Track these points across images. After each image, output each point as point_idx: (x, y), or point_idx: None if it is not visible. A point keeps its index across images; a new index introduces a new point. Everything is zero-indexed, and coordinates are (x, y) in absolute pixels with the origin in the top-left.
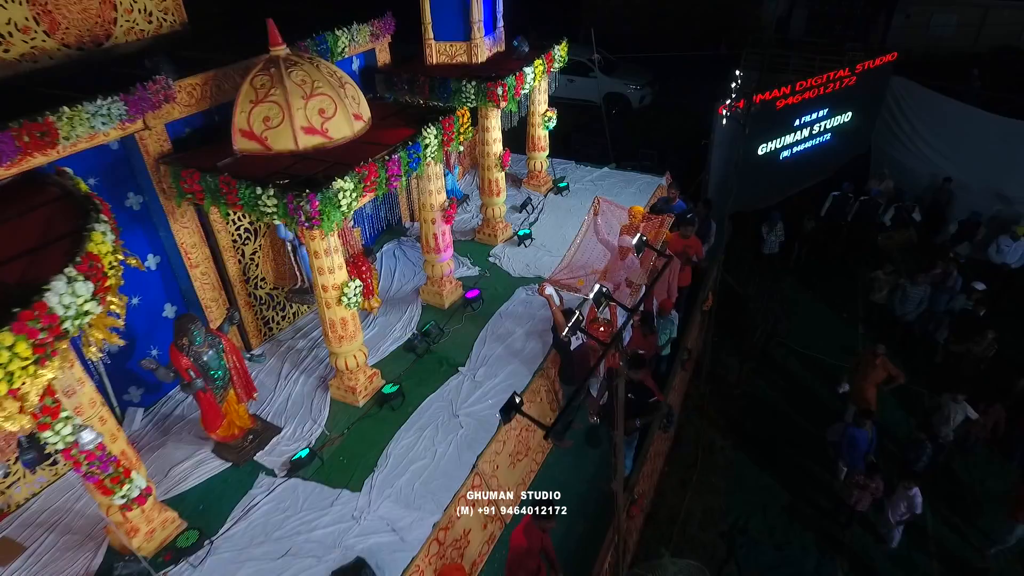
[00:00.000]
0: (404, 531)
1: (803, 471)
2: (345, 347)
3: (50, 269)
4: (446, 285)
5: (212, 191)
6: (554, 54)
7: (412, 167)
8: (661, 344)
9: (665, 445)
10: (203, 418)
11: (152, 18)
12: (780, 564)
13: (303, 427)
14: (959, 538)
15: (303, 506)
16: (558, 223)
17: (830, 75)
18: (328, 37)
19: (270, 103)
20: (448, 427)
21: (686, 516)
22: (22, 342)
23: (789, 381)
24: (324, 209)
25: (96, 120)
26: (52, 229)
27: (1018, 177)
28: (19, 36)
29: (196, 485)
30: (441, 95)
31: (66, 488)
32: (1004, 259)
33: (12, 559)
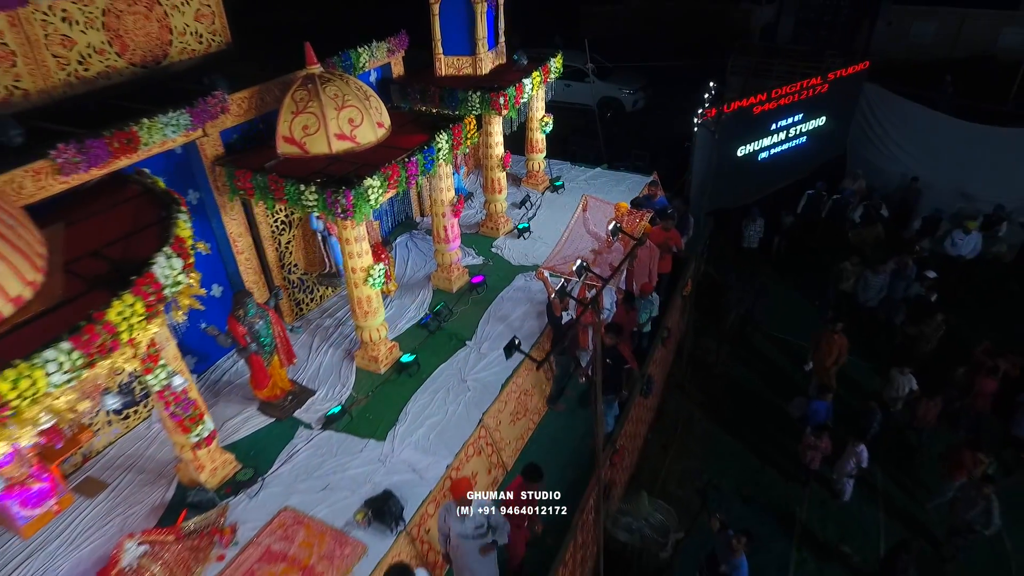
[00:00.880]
0: (422, 471)
1: (770, 439)
2: (370, 322)
3: (146, 249)
4: (454, 271)
5: (261, 188)
6: (550, 66)
7: (427, 168)
8: (642, 322)
9: (648, 414)
10: (252, 379)
11: (202, 39)
12: (747, 515)
13: (334, 390)
14: (904, 494)
15: (337, 452)
16: (554, 218)
17: (803, 83)
18: (352, 54)
19: (308, 114)
20: (457, 390)
21: (666, 475)
22: (139, 302)
23: (763, 361)
24: (356, 203)
25: (168, 129)
26: (140, 218)
27: (979, 176)
28: (96, 57)
29: (246, 436)
30: (449, 104)
31: (136, 439)
32: (959, 251)
33: (97, 493)
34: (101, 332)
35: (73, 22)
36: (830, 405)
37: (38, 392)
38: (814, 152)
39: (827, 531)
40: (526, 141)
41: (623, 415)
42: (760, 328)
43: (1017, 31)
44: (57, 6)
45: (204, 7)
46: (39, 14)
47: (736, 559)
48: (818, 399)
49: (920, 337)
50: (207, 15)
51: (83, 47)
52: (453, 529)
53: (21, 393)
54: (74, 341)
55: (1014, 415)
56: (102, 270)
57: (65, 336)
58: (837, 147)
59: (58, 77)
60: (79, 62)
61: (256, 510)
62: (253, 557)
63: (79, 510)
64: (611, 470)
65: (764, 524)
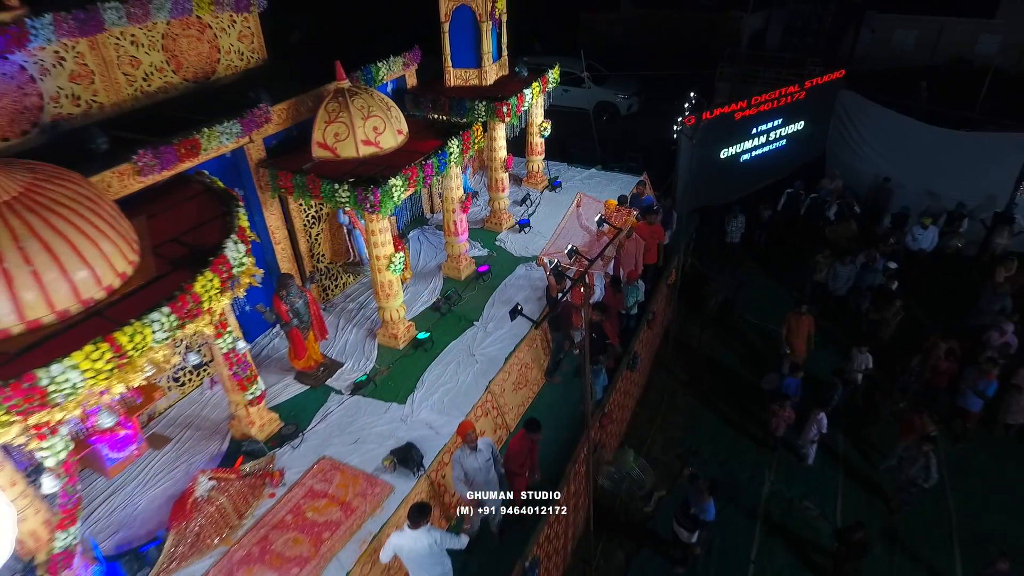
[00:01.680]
0: (438, 428)
1: (745, 412)
2: (390, 303)
3: (213, 237)
4: (462, 261)
5: (300, 186)
6: (548, 77)
7: (441, 169)
8: (629, 305)
9: (636, 390)
10: (291, 351)
11: (243, 57)
12: (722, 477)
13: (359, 362)
14: (861, 457)
15: (365, 413)
16: (552, 214)
17: (782, 91)
18: (372, 68)
19: (339, 123)
20: (467, 363)
21: (651, 443)
22: (216, 278)
23: (742, 344)
24: (383, 199)
25: (223, 137)
26: (205, 212)
27: (945, 177)
28: (157, 74)
29: (286, 400)
30: (458, 112)
31: (190, 403)
32: (919, 245)
33: (163, 446)
34: (190, 300)
35: (139, 45)
36: (799, 381)
37: (146, 345)
38: (794, 154)
39: (792, 490)
40: (527, 144)
41: (611, 385)
42: (740, 315)
43: (992, 38)
44: (127, 31)
45: (245, 28)
46: (112, 38)
47: (704, 503)
48: (790, 376)
49: (882, 322)
50: (248, 35)
51: (147, 66)
52: (467, 465)
53: (135, 345)
54: (171, 306)
55: (959, 390)
56: (182, 253)
57: (165, 302)
58: (816, 149)
59: (127, 92)
60: (143, 79)
61: (299, 459)
62: (299, 495)
63: (150, 458)
64: (600, 432)
65: (737, 484)
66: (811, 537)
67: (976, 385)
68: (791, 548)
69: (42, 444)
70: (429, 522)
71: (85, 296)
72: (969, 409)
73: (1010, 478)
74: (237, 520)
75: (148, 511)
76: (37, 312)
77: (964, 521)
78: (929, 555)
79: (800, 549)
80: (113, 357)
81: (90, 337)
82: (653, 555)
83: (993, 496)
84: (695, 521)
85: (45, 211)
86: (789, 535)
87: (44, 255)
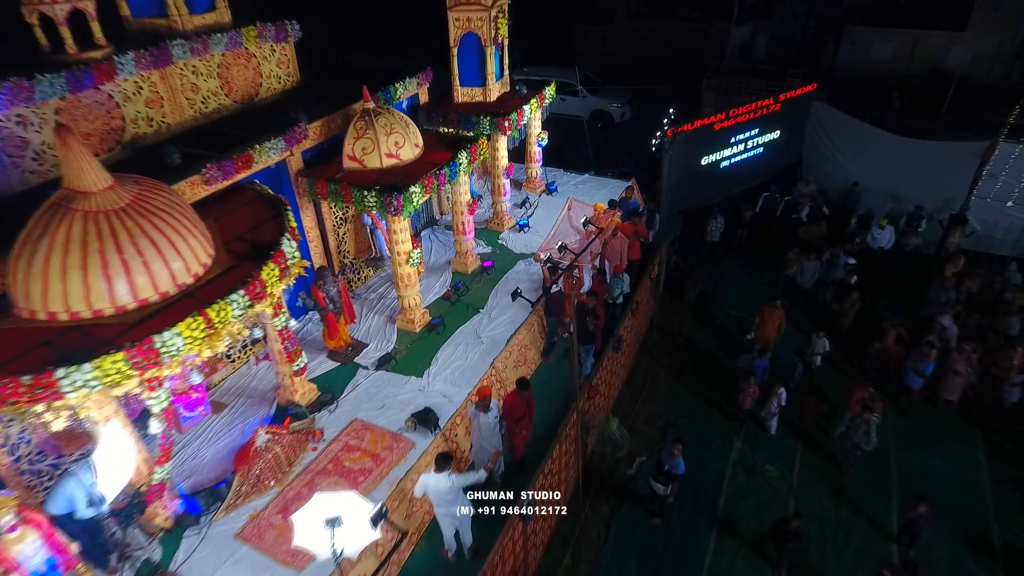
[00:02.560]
0: (450, 396)
1: (718, 390)
2: (408, 292)
3: (269, 235)
4: (469, 257)
5: (334, 193)
6: (545, 94)
7: (452, 178)
8: (615, 295)
9: (623, 371)
10: (326, 332)
11: (281, 80)
12: (696, 445)
13: (381, 344)
14: (818, 428)
15: (388, 385)
16: (548, 216)
17: (758, 103)
18: (391, 88)
19: (366, 139)
20: (474, 344)
21: (635, 416)
22: (276, 268)
23: (719, 332)
24: (404, 203)
25: (270, 151)
26: (259, 215)
27: (908, 181)
28: (212, 98)
29: (321, 374)
30: (465, 126)
31: (239, 377)
32: (878, 244)
33: (221, 411)
34: (258, 285)
35: (199, 74)
36: (768, 363)
37: (227, 320)
38: (771, 160)
39: (756, 455)
40: (526, 153)
41: (598, 363)
42: (718, 306)
43: (964, 50)
44: (190, 63)
45: (283, 56)
46: (178, 69)
47: (675, 460)
48: (759, 358)
49: (842, 312)
50: (284, 62)
51: (204, 91)
52: (479, 419)
53: (220, 320)
54: (245, 290)
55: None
56: (245, 248)
57: (240, 286)
58: (793, 155)
59: (188, 113)
60: (202, 102)
61: (335, 421)
62: (337, 448)
63: (211, 419)
64: (588, 402)
65: (709, 451)
66: (770, 494)
67: (917, 366)
68: (752, 503)
69: (151, 394)
70: (449, 468)
71: (180, 281)
72: (912, 386)
73: (945, 446)
74: (288, 467)
75: (214, 460)
76: (146, 293)
77: (903, 481)
78: (870, 507)
79: (760, 504)
80: (205, 328)
81: (185, 314)
82: (633, 508)
83: (930, 460)
84: (668, 476)
85: (150, 215)
86: (751, 493)
87: (151, 249)
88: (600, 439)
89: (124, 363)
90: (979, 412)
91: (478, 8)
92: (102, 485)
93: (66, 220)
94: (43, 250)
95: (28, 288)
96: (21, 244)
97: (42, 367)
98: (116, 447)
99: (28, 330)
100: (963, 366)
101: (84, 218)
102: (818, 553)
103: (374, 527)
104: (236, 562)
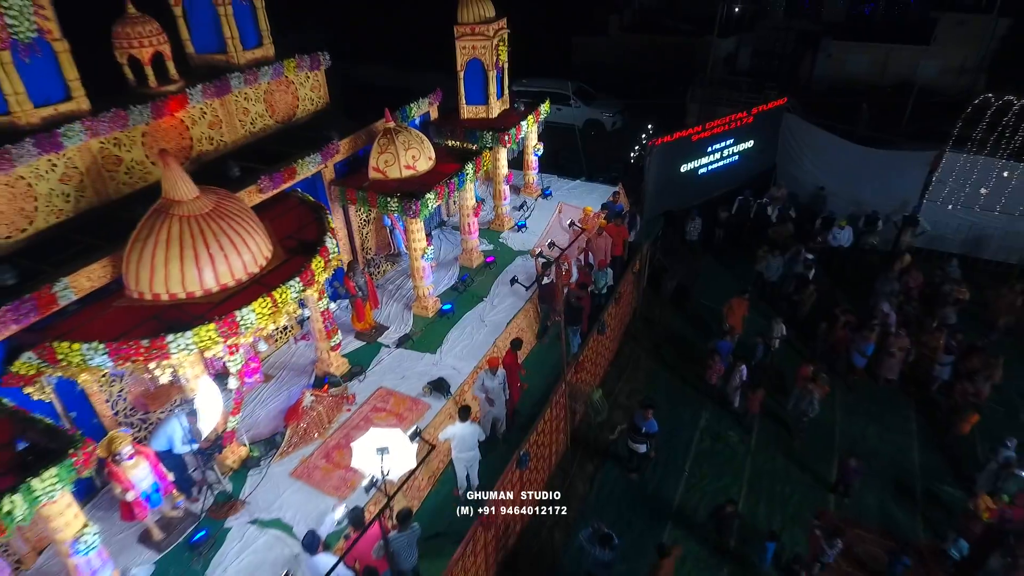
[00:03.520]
0: (460, 369)
1: (692, 370)
2: (423, 283)
3: (312, 234)
4: (474, 253)
5: (362, 199)
6: (541, 110)
7: (460, 186)
8: (600, 286)
9: (609, 353)
10: (354, 316)
11: (313, 102)
12: (671, 416)
13: (400, 327)
14: (775, 402)
15: (407, 360)
16: (543, 218)
17: (731, 117)
18: (407, 108)
19: (388, 153)
20: (479, 326)
21: (618, 392)
22: (322, 261)
23: (694, 321)
24: (421, 208)
25: (310, 165)
26: (303, 218)
27: (868, 186)
28: (259, 119)
29: (350, 351)
30: (470, 139)
31: (281, 354)
32: (838, 242)
33: (268, 380)
34: (309, 274)
35: (250, 99)
36: (732, 345)
37: (287, 301)
38: (745, 167)
39: (720, 424)
40: (523, 162)
41: (584, 343)
42: (693, 297)
43: (931, 63)
44: (243, 91)
45: (315, 81)
46: (234, 96)
47: (648, 421)
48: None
49: (800, 302)
50: (317, 87)
51: (253, 114)
52: (486, 384)
53: (281, 300)
54: (300, 278)
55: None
56: (295, 245)
57: (296, 275)
58: (767, 162)
59: (240, 133)
60: (251, 123)
61: (364, 388)
62: (366, 409)
63: (262, 387)
64: (575, 376)
65: (680, 420)
66: (730, 455)
67: (860, 347)
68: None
69: (231, 357)
70: (471, 418)
71: (250, 270)
72: (856, 365)
73: (883, 416)
74: (328, 424)
75: (267, 419)
76: (225, 280)
77: (845, 445)
78: (815, 466)
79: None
80: (271, 306)
81: (255, 296)
82: (614, 466)
83: (869, 428)
84: (645, 436)
85: (226, 218)
86: (715, 454)
87: (228, 245)
88: (584, 404)
89: (214, 332)
90: (914, 388)
91: (482, 38)
92: (196, 427)
93: (166, 222)
94: (150, 246)
95: (138, 275)
96: (132, 241)
97: (156, 333)
98: (208, 398)
99: (138, 307)
100: (898, 349)
101: (179, 221)
102: (767, 501)
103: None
104: (292, 494)
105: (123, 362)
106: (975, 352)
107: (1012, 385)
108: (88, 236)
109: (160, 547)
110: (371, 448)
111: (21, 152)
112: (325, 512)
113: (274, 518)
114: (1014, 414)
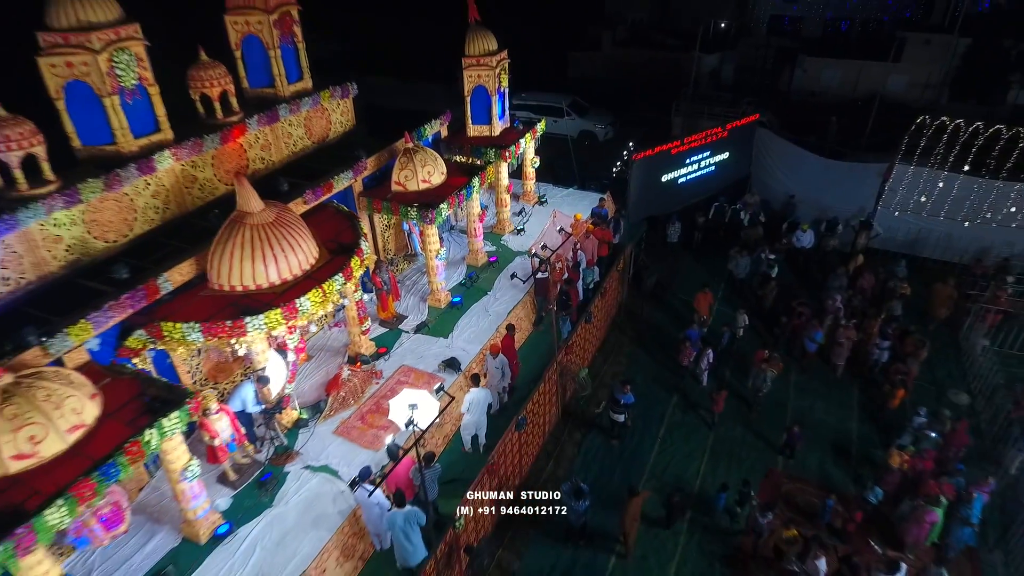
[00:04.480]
0: (469, 349)
1: (668, 356)
2: (436, 279)
3: (348, 238)
4: (479, 254)
5: (386, 208)
6: (537, 129)
7: (467, 197)
8: (587, 282)
9: (596, 340)
10: (379, 307)
11: (343, 124)
12: (649, 393)
13: (417, 316)
14: (736, 381)
15: (424, 343)
16: (539, 223)
17: (707, 132)
18: (421, 129)
19: (407, 170)
20: (484, 315)
21: (603, 373)
22: (359, 260)
23: (672, 312)
24: (436, 216)
25: (343, 180)
26: (339, 225)
27: (831, 194)
28: (300, 141)
29: (376, 336)
30: (476, 155)
31: (318, 339)
32: (801, 244)
33: (308, 360)
34: (350, 271)
35: (292, 124)
36: (700, 332)
37: (332, 292)
38: (723, 176)
39: (691, 399)
40: (522, 173)
41: (573, 329)
42: (670, 292)
43: (900, 78)
44: (288, 119)
45: (344, 106)
46: (280, 123)
47: (626, 394)
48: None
49: (763, 296)
50: (346, 111)
51: (295, 137)
52: (488, 364)
53: (329, 291)
54: (343, 273)
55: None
56: (335, 247)
57: (339, 271)
58: (742, 172)
59: (284, 154)
60: (293, 144)
61: (389, 366)
62: (392, 382)
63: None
64: (565, 357)
65: (656, 398)
66: (697, 425)
67: (811, 334)
68: (684, 431)
69: (290, 336)
70: (482, 383)
71: (304, 267)
72: (808, 350)
73: (830, 394)
74: (361, 393)
75: (310, 389)
76: (284, 274)
77: (795, 417)
78: (768, 435)
79: (689, 431)
80: (321, 296)
81: (308, 288)
82: (598, 435)
83: (816, 403)
84: (623, 406)
85: (285, 226)
86: (684, 425)
87: (288, 248)
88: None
89: (279, 315)
90: (857, 369)
91: (486, 68)
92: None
93: (241, 229)
94: (228, 248)
95: (219, 270)
96: (215, 244)
97: (236, 316)
98: (276, 367)
99: (219, 296)
100: (846, 339)
101: (251, 229)
102: (727, 462)
103: (437, 395)
104: (336, 447)
105: (212, 338)
106: (908, 337)
107: (943, 365)
108: (174, 239)
109: (235, 485)
110: (405, 404)
111: (128, 175)
112: (364, 461)
113: (323, 464)
114: (942, 391)
